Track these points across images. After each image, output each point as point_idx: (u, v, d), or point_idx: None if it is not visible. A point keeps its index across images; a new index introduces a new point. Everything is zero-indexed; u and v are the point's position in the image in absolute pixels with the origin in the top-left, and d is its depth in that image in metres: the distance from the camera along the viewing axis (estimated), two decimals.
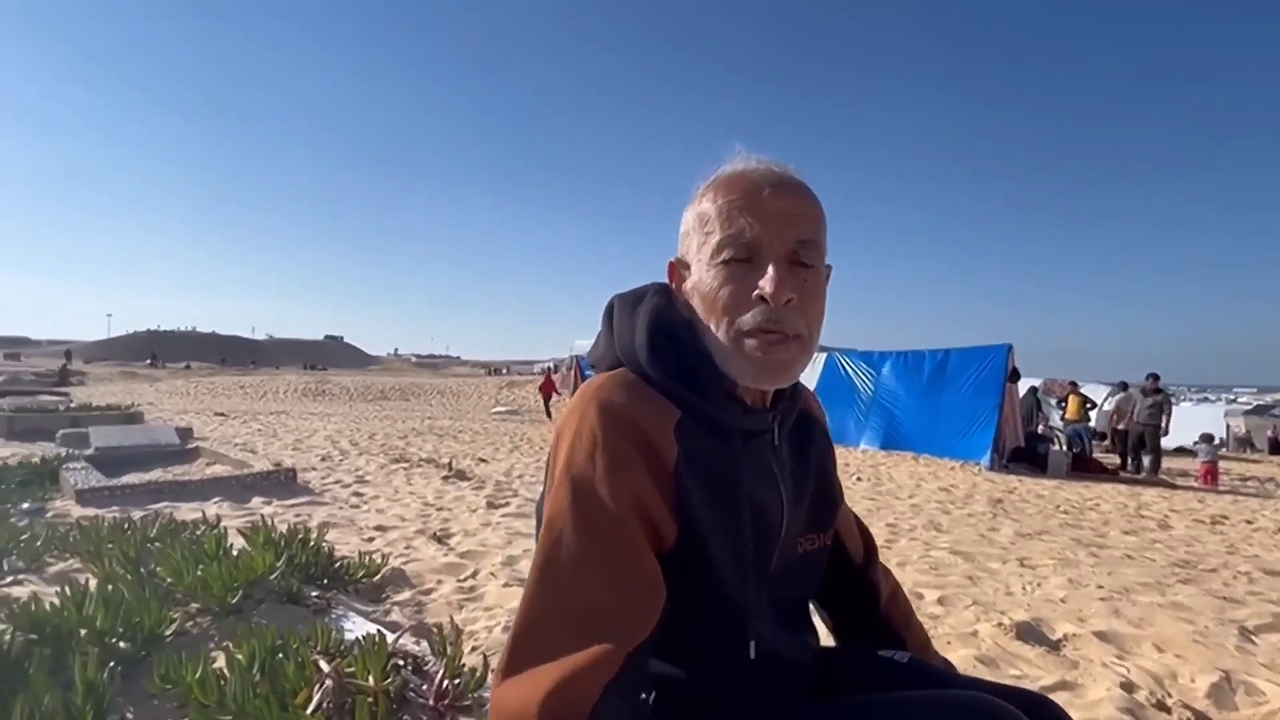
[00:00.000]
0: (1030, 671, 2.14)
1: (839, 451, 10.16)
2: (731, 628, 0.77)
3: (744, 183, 0.76)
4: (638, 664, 0.65)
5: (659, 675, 0.76)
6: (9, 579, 2.45)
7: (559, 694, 0.60)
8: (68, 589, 1.93)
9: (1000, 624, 2.53)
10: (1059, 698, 1.90)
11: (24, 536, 2.78)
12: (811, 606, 1.01)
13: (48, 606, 1.83)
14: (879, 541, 4.19)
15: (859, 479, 7.25)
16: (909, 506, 5.64)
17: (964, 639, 2.41)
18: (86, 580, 2.14)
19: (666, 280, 0.86)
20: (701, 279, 0.77)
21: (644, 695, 0.73)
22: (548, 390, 18.72)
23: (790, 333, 0.73)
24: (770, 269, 0.72)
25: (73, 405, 10.88)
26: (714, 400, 0.77)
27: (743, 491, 0.77)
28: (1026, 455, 9.37)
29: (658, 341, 0.78)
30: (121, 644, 1.75)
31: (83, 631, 1.75)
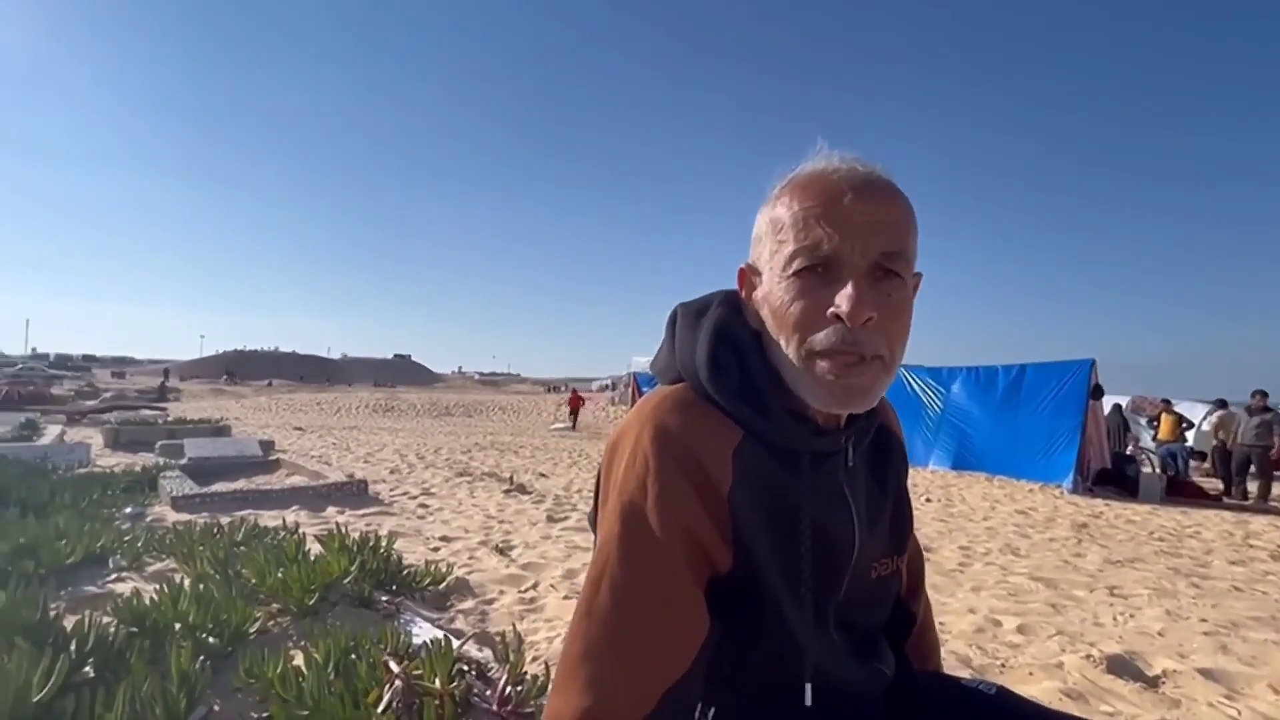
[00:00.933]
0: (1125, 709, 1.97)
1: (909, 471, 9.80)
2: (790, 658, 0.73)
3: (823, 186, 0.68)
4: (676, 702, 0.64)
5: (717, 705, 0.74)
6: (114, 576, 2.65)
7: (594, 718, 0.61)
8: (165, 587, 2.08)
9: (1089, 656, 2.35)
10: None
11: (127, 538, 3.01)
12: None
13: (147, 602, 1.98)
14: (951, 565, 3.99)
15: (928, 499, 6.94)
16: (983, 529, 5.35)
17: (1048, 670, 2.25)
18: (181, 579, 2.30)
19: (736, 287, 0.80)
20: (772, 291, 0.71)
21: None
22: (575, 404, 21.48)
23: (869, 354, 0.66)
24: (849, 285, 0.65)
25: (169, 419, 11.76)
26: (779, 422, 0.72)
27: (805, 518, 0.72)
28: (1114, 478, 8.73)
29: (720, 358, 0.74)
30: (211, 639, 1.87)
31: (177, 626, 1.87)
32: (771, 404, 0.72)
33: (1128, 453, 10.07)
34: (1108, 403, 10.18)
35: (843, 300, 0.65)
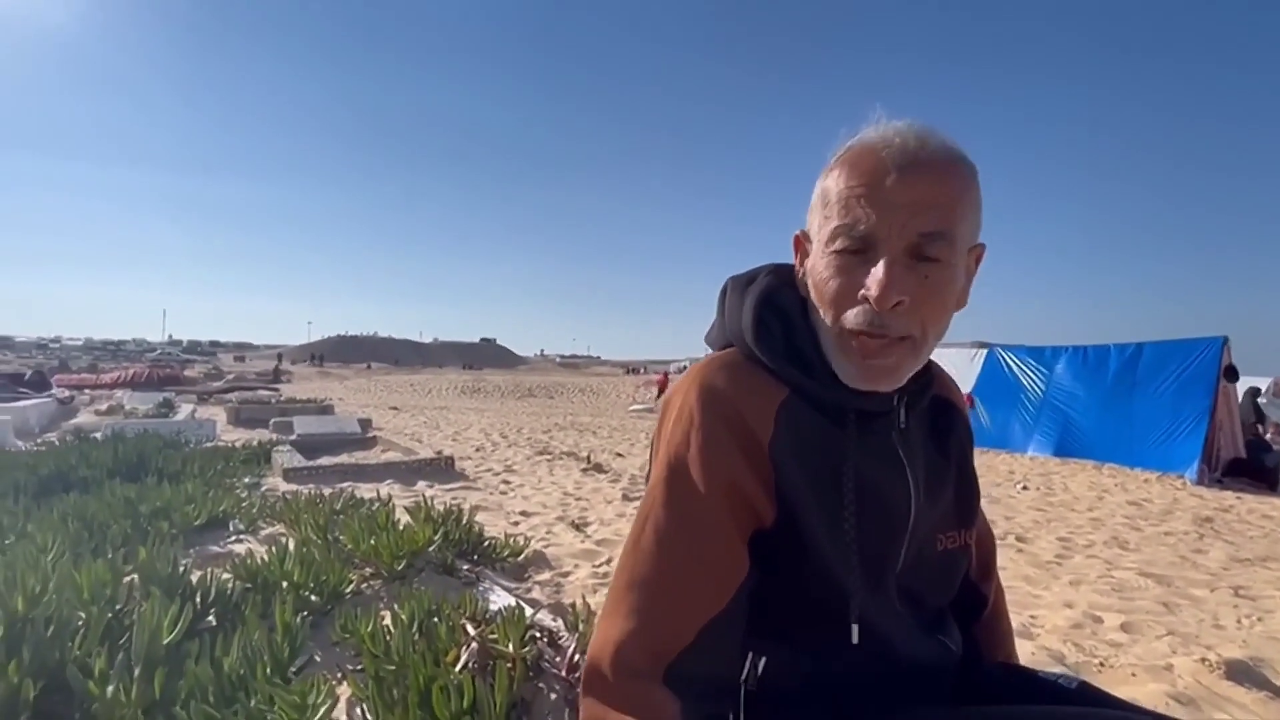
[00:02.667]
0: (1244, 718, 1.79)
1: (1003, 457, 9.19)
2: (837, 607, 0.73)
3: (870, 164, 0.69)
4: (715, 637, 0.68)
5: (768, 655, 0.75)
6: (233, 538, 2.95)
7: (629, 650, 0.66)
8: (274, 549, 2.29)
9: (1204, 660, 2.15)
10: None
11: (244, 505, 3.33)
12: None
13: (259, 561, 2.18)
14: (1048, 556, 3.74)
15: (1025, 487, 6.52)
16: (1088, 520, 4.97)
17: (1154, 672, 2.08)
18: (287, 542, 2.52)
19: (789, 261, 0.82)
20: (815, 264, 0.74)
21: (726, 672, 0.73)
22: (663, 384, 23.58)
23: (896, 335, 0.68)
24: (880, 267, 0.66)
25: (281, 399, 12.86)
26: (823, 381, 0.74)
27: (849, 472, 0.73)
28: (1249, 468, 7.83)
29: (765, 320, 0.77)
30: (313, 597, 2.04)
31: (284, 584, 2.06)
32: (816, 364, 0.74)
33: (1266, 439, 9.01)
34: (1244, 386, 9.12)
35: (872, 284, 0.66)
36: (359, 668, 1.67)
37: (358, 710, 1.40)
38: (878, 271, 0.66)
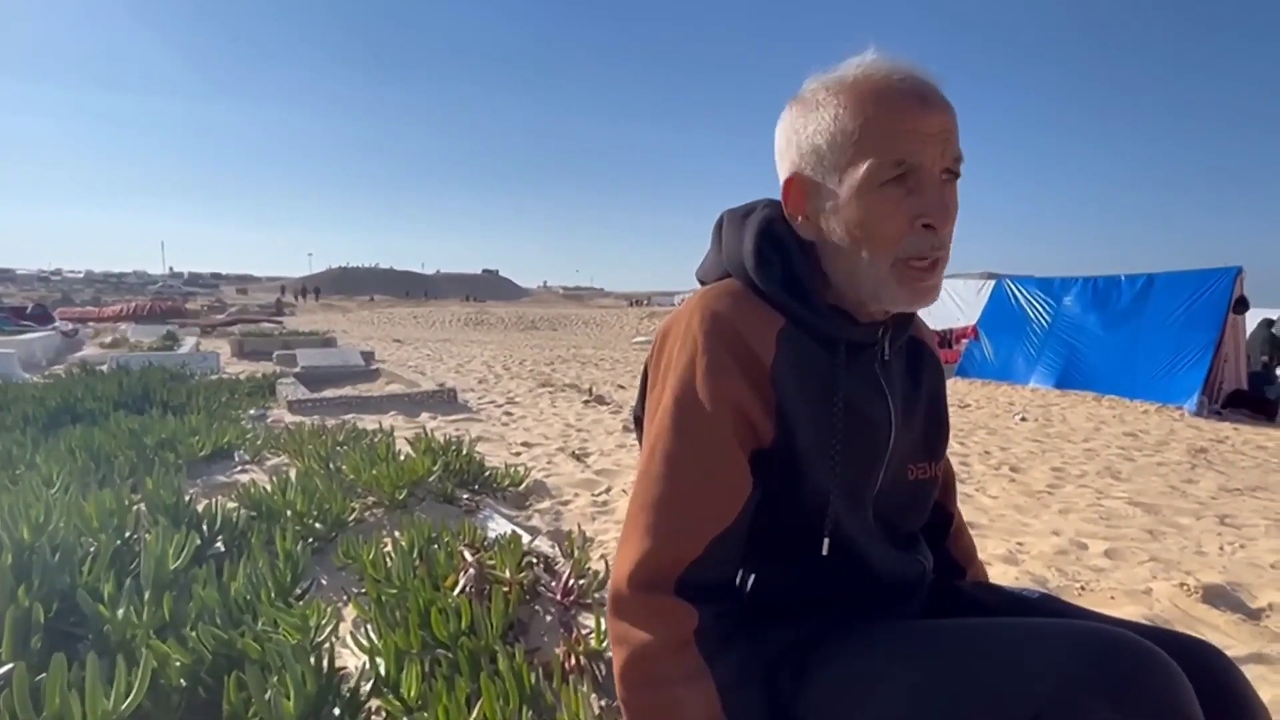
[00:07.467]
0: (1215, 638, 1.85)
1: (1003, 389, 9.22)
2: (817, 528, 0.79)
3: (896, 98, 0.71)
4: (722, 549, 0.73)
5: (756, 572, 0.81)
6: (239, 468, 3.01)
7: (645, 567, 0.72)
8: (277, 479, 2.34)
9: (1183, 584, 2.21)
10: (1250, 670, 1.64)
11: (249, 436, 3.38)
12: None
13: (263, 490, 2.23)
14: (1040, 486, 3.79)
15: (1024, 418, 6.57)
16: (1082, 451, 5.03)
17: (1132, 596, 2.14)
18: (289, 472, 2.57)
19: (780, 200, 0.82)
20: (852, 204, 0.73)
21: (732, 577, 0.79)
22: None
23: (943, 256, 0.74)
24: (938, 195, 0.71)
25: (284, 331, 12.90)
26: (819, 312, 0.77)
27: (839, 398, 0.77)
28: (1249, 400, 7.85)
29: (764, 251, 0.79)
30: (317, 525, 2.10)
31: (288, 512, 2.11)
32: (812, 295, 0.78)
33: (1277, 372, 8.97)
34: (1254, 318, 9.01)
35: (934, 210, 0.71)
36: (362, 591, 1.73)
37: (363, 630, 1.45)
38: (939, 200, 0.71)
